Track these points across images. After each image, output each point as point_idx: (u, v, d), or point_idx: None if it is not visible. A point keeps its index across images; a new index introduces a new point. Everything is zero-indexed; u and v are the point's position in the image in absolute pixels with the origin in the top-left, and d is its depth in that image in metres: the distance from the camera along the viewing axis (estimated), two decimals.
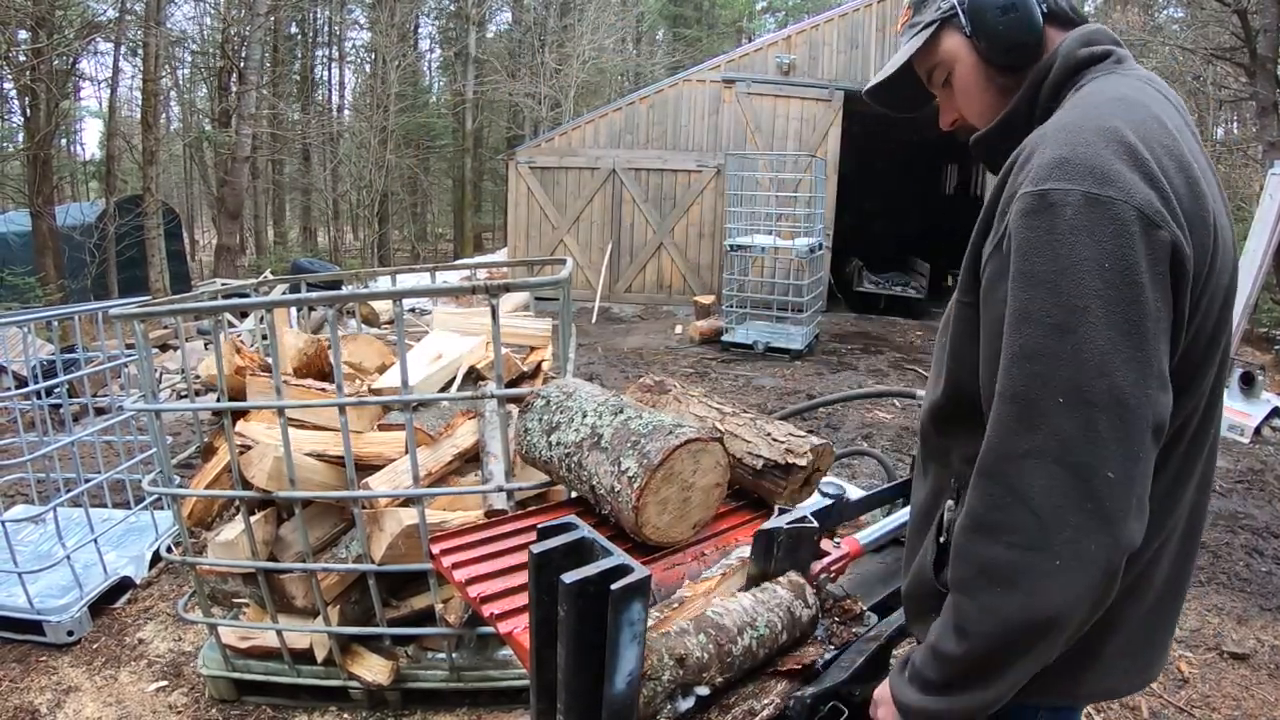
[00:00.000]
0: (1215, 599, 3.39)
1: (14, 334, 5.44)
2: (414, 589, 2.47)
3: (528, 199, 12.01)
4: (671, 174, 11.81)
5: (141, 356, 2.30)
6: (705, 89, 11.72)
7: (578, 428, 1.51)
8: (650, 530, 1.38)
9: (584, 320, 10.64)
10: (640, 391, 1.86)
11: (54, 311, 4.69)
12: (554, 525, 1.03)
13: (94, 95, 17.94)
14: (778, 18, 27.94)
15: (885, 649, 1.22)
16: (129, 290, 10.74)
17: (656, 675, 0.95)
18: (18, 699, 2.58)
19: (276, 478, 2.16)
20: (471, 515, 2.29)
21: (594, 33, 18.33)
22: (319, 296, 2.29)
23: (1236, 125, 19.31)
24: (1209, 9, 13.46)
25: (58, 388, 3.70)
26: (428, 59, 24.40)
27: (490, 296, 2.02)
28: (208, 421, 3.46)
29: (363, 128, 17.54)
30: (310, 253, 18.64)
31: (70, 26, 10.43)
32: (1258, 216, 7.23)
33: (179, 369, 5.34)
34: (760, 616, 1.09)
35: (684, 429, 1.40)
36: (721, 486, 1.48)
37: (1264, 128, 10.92)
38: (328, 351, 2.66)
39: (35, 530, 3.44)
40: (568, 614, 0.89)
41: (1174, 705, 2.65)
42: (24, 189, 10.74)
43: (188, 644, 2.90)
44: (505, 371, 2.35)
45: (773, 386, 7.19)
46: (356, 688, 2.44)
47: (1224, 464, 5.30)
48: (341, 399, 2.09)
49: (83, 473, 3.44)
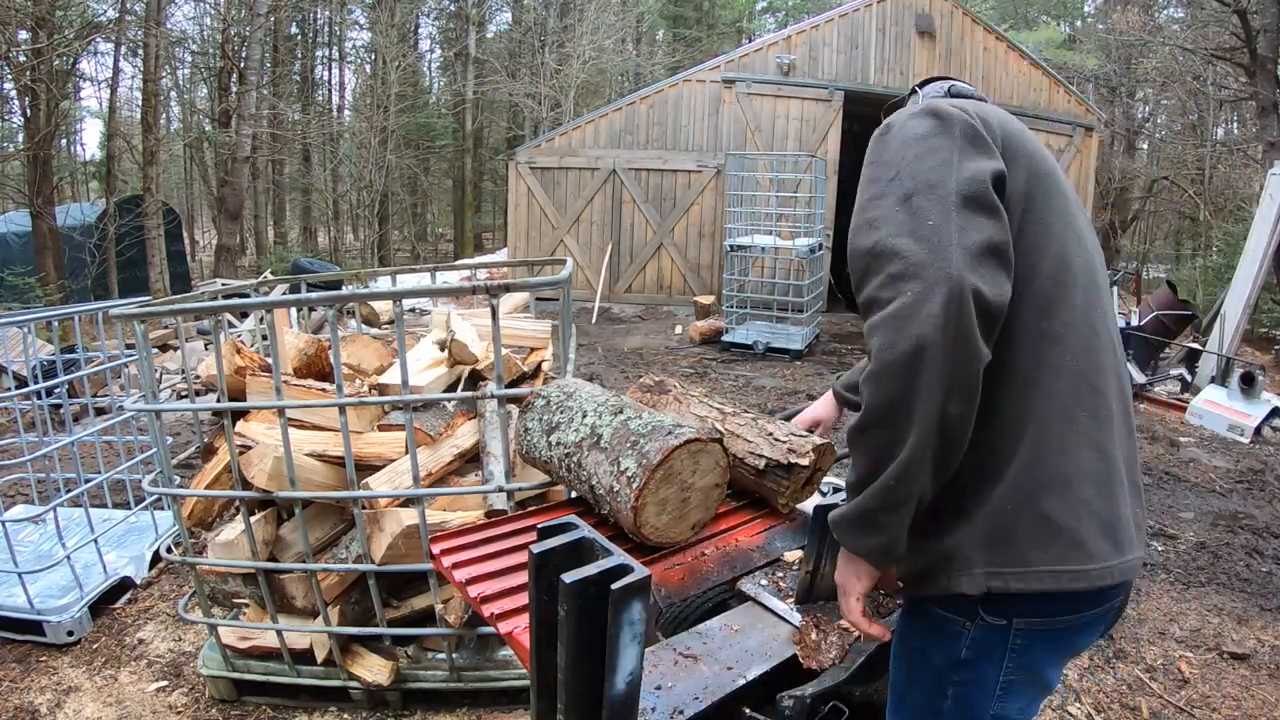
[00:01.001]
0: (1215, 599, 3.39)
1: (14, 334, 5.44)
2: (414, 589, 2.47)
3: (528, 199, 12.01)
4: (671, 174, 11.81)
5: (142, 356, 2.30)
6: (705, 89, 11.72)
7: (577, 428, 1.51)
8: (649, 530, 1.38)
9: (584, 320, 10.64)
10: (640, 392, 1.86)
11: (54, 311, 4.69)
12: (554, 525, 1.03)
13: (94, 95, 17.95)
14: (778, 18, 27.95)
15: (885, 649, 1.22)
16: (129, 290, 10.75)
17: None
18: (18, 699, 2.58)
19: (276, 478, 2.16)
20: (472, 515, 2.29)
21: (594, 33, 18.33)
22: (319, 297, 2.29)
23: (1236, 125, 19.30)
24: (1209, 9, 13.46)
25: (58, 388, 3.69)
26: (428, 59, 24.44)
27: (490, 296, 2.02)
28: (208, 422, 3.46)
29: (363, 128, 17.56)
30: (310, 253, 18.64)
31: (70, 27, 10.43)
32: (1258, 216, 7.23)
33: (179, 369, 5.35)
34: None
35: (683, 429, 1.40)
36: (721, 487, 1.48)
37: (1264, 128, 10.92)
38: (328, 352, 2.66)
39: (35, 530, 3.44)
40: (568, 614, 0.89)
41: (1174, 705, 2.65)
42: (24, 189, 10.74)
43: (188, 644, 2.90)
44: (506, 372, 2.35)
45: (773, 387, 7.19)
46: (356, 688, 2.44)
47: (1224, 464, 5.30)
48: (341, 399, 2.09)
49: (83, 473, 3.44)
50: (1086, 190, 12.75)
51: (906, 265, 0.99)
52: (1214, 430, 6.09)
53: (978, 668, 1.13)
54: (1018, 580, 1.06)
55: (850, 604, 1.13)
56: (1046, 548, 1.07)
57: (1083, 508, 1.08)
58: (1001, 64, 12.22)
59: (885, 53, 11.76)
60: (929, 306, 0.96)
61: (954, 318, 0.96)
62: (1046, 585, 1.06)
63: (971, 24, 12.10)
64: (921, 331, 0.95)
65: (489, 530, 1.47)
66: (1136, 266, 15.60)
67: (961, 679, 1.14)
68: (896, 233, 1.03)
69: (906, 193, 1.06)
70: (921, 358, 0.96)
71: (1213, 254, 12.95)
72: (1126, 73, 19.14)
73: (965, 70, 12.05)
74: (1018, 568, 1.07)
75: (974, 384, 1.00)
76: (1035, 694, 1.18)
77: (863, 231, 1.08)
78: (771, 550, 1.49)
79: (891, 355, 0.97)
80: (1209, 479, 4.98)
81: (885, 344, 0.98)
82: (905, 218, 1.04)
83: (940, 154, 1.08)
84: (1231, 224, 12.83)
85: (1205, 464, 5.28)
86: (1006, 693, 1.14)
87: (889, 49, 11.77)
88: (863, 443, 1.03)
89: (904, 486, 1.00)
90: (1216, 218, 14.68)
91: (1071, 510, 1.08)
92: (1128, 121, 20.04)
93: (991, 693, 1.14)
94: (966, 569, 1.08)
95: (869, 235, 1.07)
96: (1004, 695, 1.14)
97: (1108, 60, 19.26)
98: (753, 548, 1.49)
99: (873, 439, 1.01)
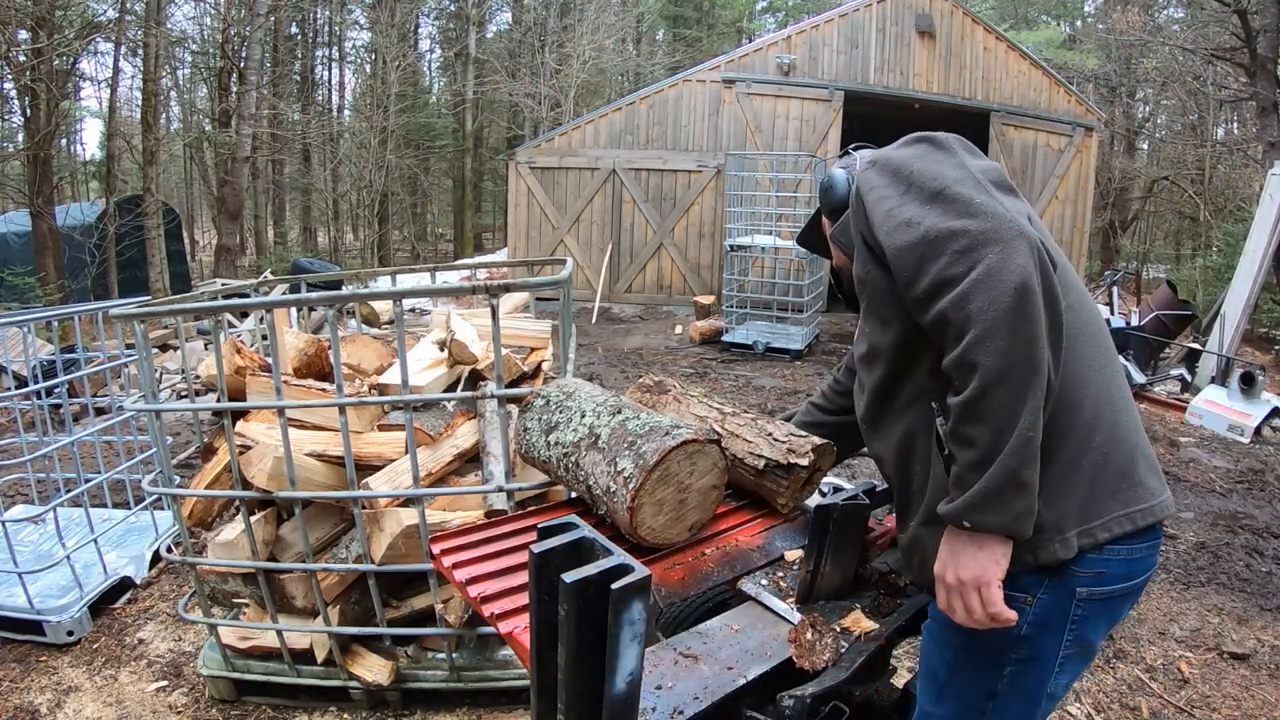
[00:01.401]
0: (1215, 599, 3.39)
1: (14, 334, 5.44)
2: (414, 589, 2.47)
3: (528, 199, 12.01)
4: (671, 174, 11.81)
5: (141, 356, 2.30)
6: (705, 89, 11.72)
7: (576, 428, 1.50)
8: (645, 532, 1.37)
9: (584, 320, 10.64)
10: (640, 392, 1.86)
11: (54, 311, 4.69)
12: (554, 525, 1.03)
13: (94, 95, 17.99)
14: (778, 18, 27.95)
15: (885, 649, 1.22)
16: (129, 290, 10.75)
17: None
18: (18, 699, 2.58)
19: (276, 478, 2.16)
20: (472, 515, 2.29)
21: (594, 33, 18.33)
22: (319, 297, 2.29)
23: (1236, 125, 19.29)
24: (1209, 9, 13.46)
25: (58, 388, 3.69)
26: (428, 59, 24.43)
27: (490, 296, 2.02)
28: (208, 421, 3.46)
29: (363, 128, 17.55)
30: (310, 253, 18.65)
31: (70, 26, 10.43)
32: (1258, 216, 7.23)
33: (179, 369, 5.34)
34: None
35: (681, 430, 1.39)
36: (719, 489, 1.47)
37: (1264, 128, 10.92)
38: (328, 352, 2.66)
39: (35, 530, 3.44)
40: (568, 614, 0.89)
41: (1174, 705, 2.65)
42: (24, 189, 10.74)
43: (188, 644, 2.90)
44: (506, 372, 2.35)
45: (773, 387, 7.19)
46: (356, 688, 2.43)
47: (1224, 464, 5.30)
48: (341, 399, 2.09)
49: (83, 473, 3.43)
50: (1086, 190, 12.75)
51: (973, 238, 1.02)
52: (1214, 430, 6.09)
53: (1037, 643, 1.14)
54: (1103, 530, 1.11)
55: (993, 594, 1.07)
56: (1116, 494, 1.13)
57: (1136, 451, 1.16)
58: (1001, 64, 12.22)
59: (885, 53, 11.76)
60: (1016, 258, 0.99)
61: (1039, 265, 1.00)
62: (1125, 528, 1.11)
63: (971, 24, 12.10)
64: (1019, 280, 0.98)
65: (489, 530, 1.47)
66: (1136, 266, 15.59)
67: (1021, 656, 1.15)
68: (944, 219, 1.05)
69: (932, 192, 1.09)
70: (1026, 303, 0.98)
71: (1213, 254, 12.95)
72: (1126, 73, 19.15)
73: (965, 70, 12.06)
74: (1099, 519, 1.11)
75: (1062, 328, 1.03)
76: (1083, 665, 1.22)
77: (900, 231, 1.10)
78: (771, 550, 1.49)
79: (996, 311, 0.98)
80: (1209, 479, 4.97)
81: (985, 305, 0.99)
82: (944, 207, 1.07)
83: (949, 160, 1.14)
84: (1231, 224, 12.83)
85: (1205, 464, 5.28)
86: (1063, 667, 1.17)
87: (889, 49, 11.77)
88: (983, 411, 1.01)
89: (1037, 434, 1.01)
90: (1216, 218, 14.69)
91: (1129, 455, 1.15)
92: (1128, 121, 20.04)
93: (1050, 668, 1.16)
94: (1059, 534, 1.10)
95: (910, 231, 1.08)
96: (1060, 669, 1.17)
97: (1108, 60, 19.26)
98: (753, 548, 1.49)
99: (995, 401, 1.00)
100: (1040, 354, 1.00)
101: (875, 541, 1.51)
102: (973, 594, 1.08)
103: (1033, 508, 1.03)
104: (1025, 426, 1.00)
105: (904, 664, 2.69)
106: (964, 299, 1.00)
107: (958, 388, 1.05)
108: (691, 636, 1.31)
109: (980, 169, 1.12)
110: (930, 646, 1.25)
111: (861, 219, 1.21)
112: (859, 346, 1.35)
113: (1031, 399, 1.00)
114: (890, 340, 1.23)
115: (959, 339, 1.02)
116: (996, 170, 1.15)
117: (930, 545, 1.18)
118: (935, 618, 1.21)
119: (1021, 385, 0.99)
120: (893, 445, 1.27)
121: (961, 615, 1.09)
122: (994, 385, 1.00)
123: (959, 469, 1.06)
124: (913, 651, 2.81)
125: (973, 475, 1.04)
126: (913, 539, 1.24)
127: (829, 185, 1.49)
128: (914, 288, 1.08)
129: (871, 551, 1.49)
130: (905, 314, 1.17)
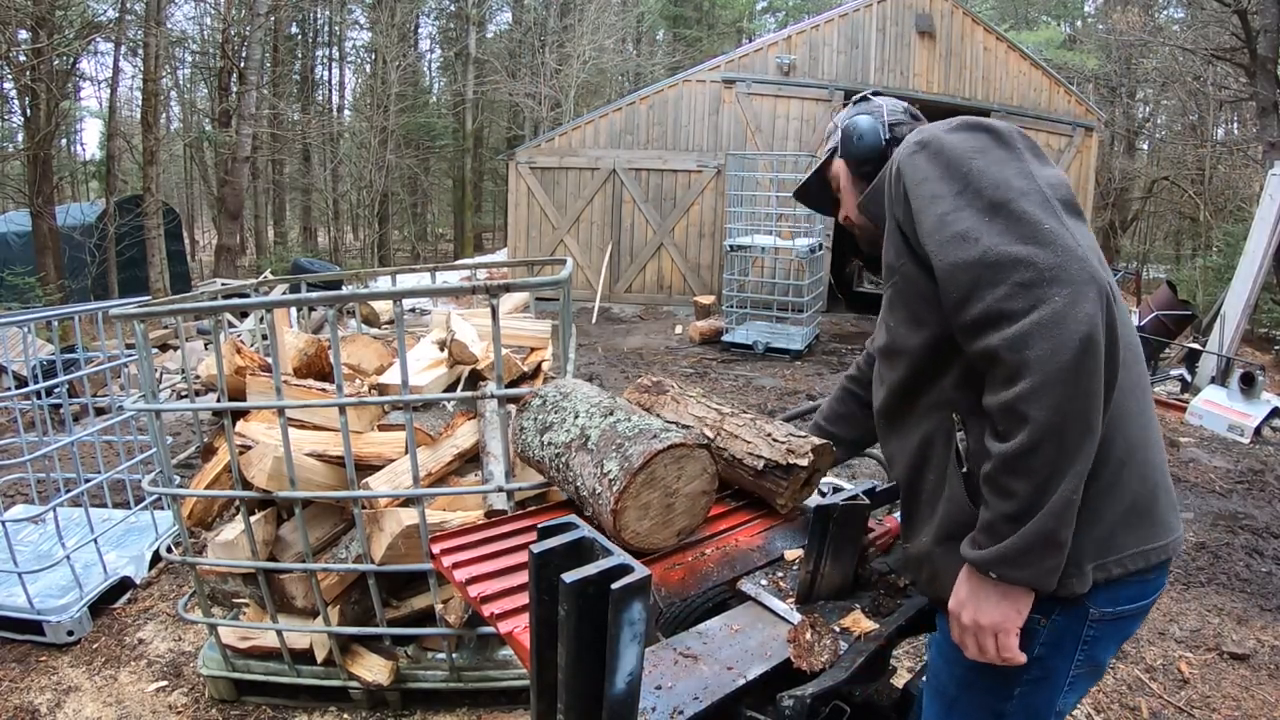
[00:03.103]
0: (1215, 599, 3.39)
1: (14, 334, 5.44)
2: (414, 589, 2.47)
3: (528, 199, 12.01)
4: (671, 174, 11.80)
5: (141, 356, 2.30)
6: (705, 89, 11.72)
7: (569, 428, 1.49)
8: (629, 535, 1.34)
9: (584, 320, 10.64)
10: (638, 392, 1.86)
11: (54, 311, 4.69)
12: (554, 525, 1.03)
13: (94, 95, 17.97)
14: (778, 18, 27.96)
15: (885, 649, 1.22)
16: (129, 290, 10.75)
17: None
18: (18, 699, 2.58)
19: (276, 478, 2.16)
20: (471, 515, 2.29)
21: (594, 33, 18.33)
22: (319, 296, 2.29)
23: (1236, 125, 19.29)
24: (1209, 9, 13.46)
25: (58, 388, 3.69)
26: (428, 59, 24.43)
27: (490, 296, 2.02)
28: (208, 421, 3.46)
29: (363, 128, 17.56)
30: (310, 253, 18.65)
31: (70, 26, 10.42)
32: (1258, 216, 7.23)
33: (179, 369, 5.35)
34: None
35: (670, 434, 1.37)
36: (710, 495, 1.44)
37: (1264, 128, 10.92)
38: (328, 352, 2.66)
39: (35, 530, 3.44)
40: (568, 614, 0.89)
41: (1174, 705, 2.65)
42: (24, 189, 10.74)
43: (188, 644, 2.90)
44: (505, 372, 2.35)
45: (773, 387, 7.19)
46: (356, 688, 2.43)
47: (1224, 464, 5.30)
48: (341, 399, 2.09)
49: (83, 473, 3.43)
50: (1087, 190, 12.75)
51: (1039, 272, 0.94)
52: (1214, 430, 6.09)
53: (1049, 663, 1.13)
54: (1117, 566, 1.09)
55: (1010, 641, 1.05)
56: (1135, 530, 1.10)
57: (1159, 488, 1.13)
58: (1001, 64, 12.22)
59: (885, 53, 11.76)
60: (1084, 307, 0.92)
61: (1107, 317, 0.94)
62: (1139, 565, 1.09)
63: (971, 24, 12.10)
64: (1084, 332, 0.91)
65: (489, 530, 1.47)
66: (1136, 266, 15.60)
67: (1032, 676, 1.13)
68: (1007, 240, 0.97)
69: (993, 201, 1.01)
70: (1090, 357, 0.92)
71: (1213, 254, 12.95)
72: (1126, 73, 19.16)
73: (965, 70, 12.06)
74: (1115, 554, 1.09)
75: (1117, 379, 0.98)
76: (1090, 684, 1.21)
77: (955, 246, 1.02)
78: (771, 550, 1.49)
79: (1057, 364, 0.92)
80: (1209, 479, 4.97)
81: (1045, 354, 0.92)
82: (1005, 224, 0.99)
83: (1013, 163, 1.05)
84: (1231, 224, 12.84)
85: (1205, 464, 5.28)
86: (1073, 686, 1.16)
87: (889, 49, 11.77)
88: (1029, 467, 0.96)
89: (1078, 497, 0.97)
90: (1216, 218, 14.69)
91: (1152, 493, 1.12)
92: (1128, 121, 20.05)
93: (1060, 687, 1.15)
94: (1076, 570, 1.07)
95: (966, 248, 1.00)
96: (1070, 689, 1.16)
97: (1108, 60, 19.27)
98: (752, 548, 1.49)
99: (1042, 458, 0.95)
100: (1096, 415, 0.95)
101: (875, 542, 1.51)
102: (989, 638, 1.06)
103: (1061, 565, 1.01)
104: (1069, 489, 0.96)
105: (904, 664, 2.69)
106: (1022, 341, 0.94)
107: (1001, 434, 0.99)
108: (691, 636, 1.31)
109: (1049, 181, 1.03)
110: (940, 664, 1.23)
111: (902, 207, 1.12)
112: (879, 337, 1.28)
113: (1080, 462, 0.95)
114: (919, 343, 1.16)
115: (1010, 383, 0.96)
116: (1065, 185, 1.05)
117: (942, 564, 1.15)
118: (945, 636, 1.19)
119: (1073, 448, 0.94)
120: (908, 450, 1.23)
121: (973, 653, 1.08)
122: (1043, 442, 0.94)
123: (992, 516, 1.01)
124: (913, 652, 2.81)
125: (1007, 527, 0.99)
126: (924, 553, 1.20)
127: (857, 133, 1.38)
128: (963, 311, 1.01)
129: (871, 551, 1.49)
130: (942, 320, 1.09)
